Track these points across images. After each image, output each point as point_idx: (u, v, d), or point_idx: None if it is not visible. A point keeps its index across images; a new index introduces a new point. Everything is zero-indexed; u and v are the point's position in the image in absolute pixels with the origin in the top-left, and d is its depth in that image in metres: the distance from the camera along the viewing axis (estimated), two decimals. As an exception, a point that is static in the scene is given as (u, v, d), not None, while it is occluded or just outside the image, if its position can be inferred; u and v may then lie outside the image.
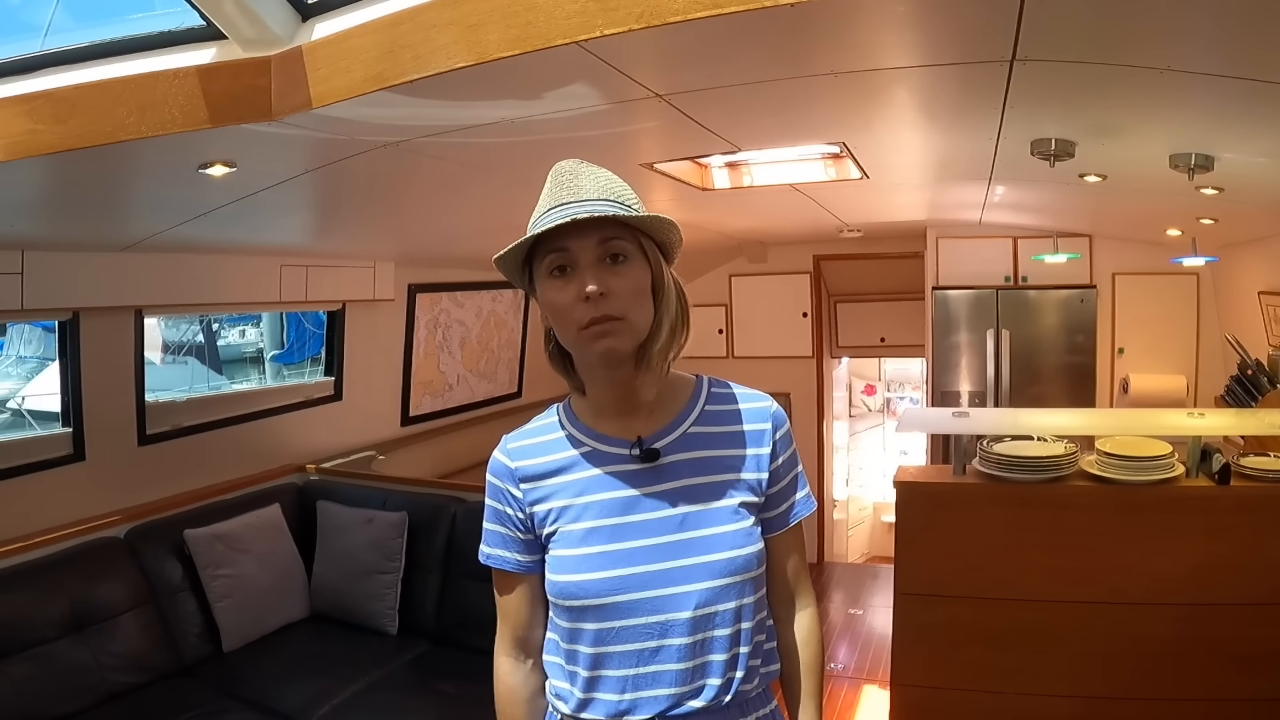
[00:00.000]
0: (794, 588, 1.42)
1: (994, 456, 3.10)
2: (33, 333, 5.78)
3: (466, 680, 3.07)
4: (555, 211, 1.21)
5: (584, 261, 1.21)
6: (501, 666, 1.41)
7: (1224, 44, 1.81)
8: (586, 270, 1.21)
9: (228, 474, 3.90)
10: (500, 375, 5.95)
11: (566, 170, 1.26)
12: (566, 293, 1.21)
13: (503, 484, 1.35)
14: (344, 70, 1.95)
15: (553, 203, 1.23)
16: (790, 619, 1.41)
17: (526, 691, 1.39)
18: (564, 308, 1.22)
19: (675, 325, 1.28)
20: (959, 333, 5.87)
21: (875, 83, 2.21)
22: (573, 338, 1.24)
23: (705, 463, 1.30)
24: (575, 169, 1.26)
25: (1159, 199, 3.68)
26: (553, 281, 1.23)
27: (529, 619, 1.38)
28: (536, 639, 1.39)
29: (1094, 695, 3.00)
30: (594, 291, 1.19)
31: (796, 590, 1.42)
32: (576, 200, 1.21)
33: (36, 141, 2.09)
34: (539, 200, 1.26)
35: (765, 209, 4.87)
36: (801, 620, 1.42)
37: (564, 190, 1.23)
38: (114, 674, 2.97)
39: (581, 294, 1.20)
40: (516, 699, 1.39)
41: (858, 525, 9.03)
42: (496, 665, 1.42)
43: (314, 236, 4.06)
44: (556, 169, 1.27)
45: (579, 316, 1.21)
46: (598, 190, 1.23)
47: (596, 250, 1.21)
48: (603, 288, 1.20)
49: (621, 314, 1.21)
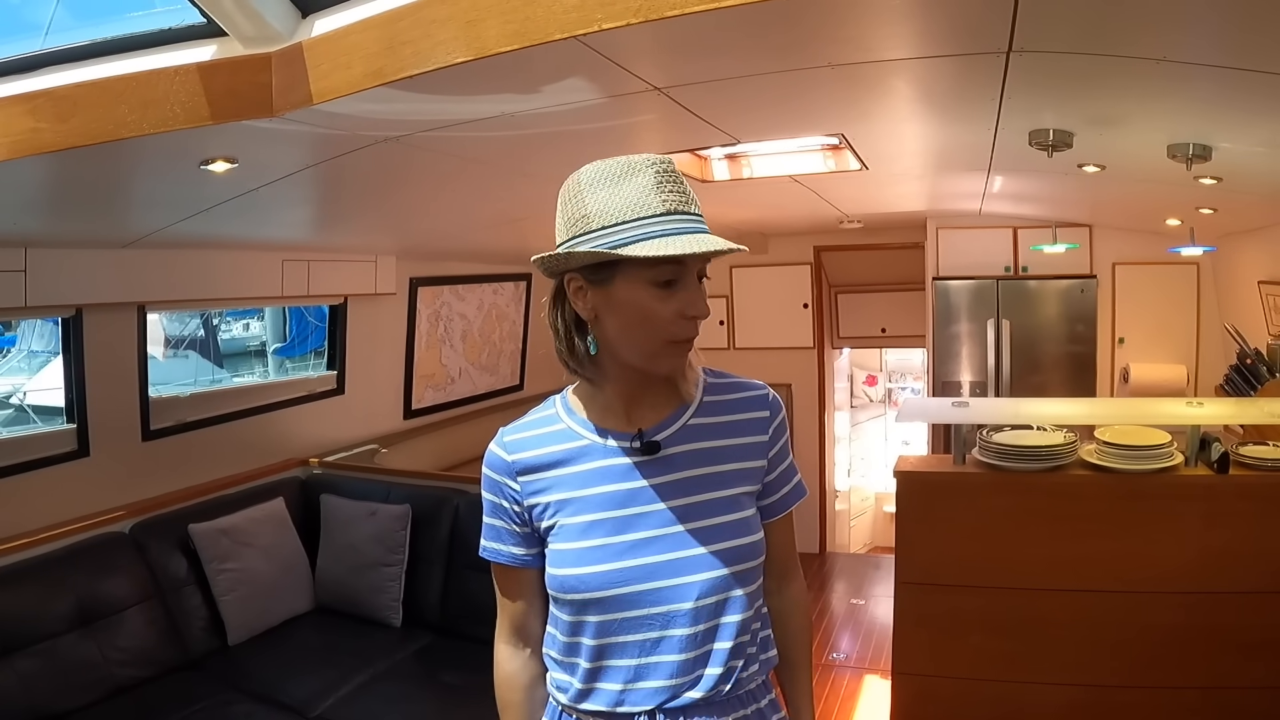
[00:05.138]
0: (785, 568, 1.45)
1: (994, 446, 3.11)
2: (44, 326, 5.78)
3: (471, 671, 3.08)
4: (673, 221, 1.19)
5: (689, 281, 1.22)
6: (501, 654, 1.43)
7: (1220, 34, 1.81)
8: (694, 290, 1.22)
9: (231, 468, 3.91)
10: (502, 368, 5.96)
11: (667, 170, 1.21)
12: (669, 305, 1.20)
13: (499, 478, 1.34)
14: (344, 66, 1.96)
15: (666, 207, 1.19)
16: (781, 592, 1.45)
17: (525, 678, 1.41)
18: (663, 320, 1.21)
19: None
20: (959, 323, 5.87)
21: (873, 74, 2.21)
22: (655, 347, 1.24)
23: (706, 454, 1.31)
24: (673, 170, 1.22)
25: (1158, 189, 3.67)
26: (655, 290, 1.20)
27: (527, 610, 1.40)
28: (535, 629, 1.40)
29: (1095, 683, 3.02)
30: (705, 315, 1.22)
31: (787, 569, 1.46)
32: (693, 213, 1.21)
33: (39, 140, 2.10)
34: (619, 191, 1.19)
35: (765, 200, 4.87)
36: (791, 593, 1.46)
37: (675, 196, 1.20)
38: (120, 668, 2.99)
39: (687, 312, 1.21)
40: (515, 685, 1.41)
41: (860, 516, 9.05)
42: (496, 653, 1.44)
43: (315, 231, 4.07)
44: (649, 161, 1.21)
45: (676, 331, 1.22)
46: (697, 203, 1.23)
47: (696, 270, 1.23)
48: (706, 310, 1.23)
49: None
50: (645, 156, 1.21)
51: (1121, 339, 5.67)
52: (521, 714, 1.41)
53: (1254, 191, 3.38)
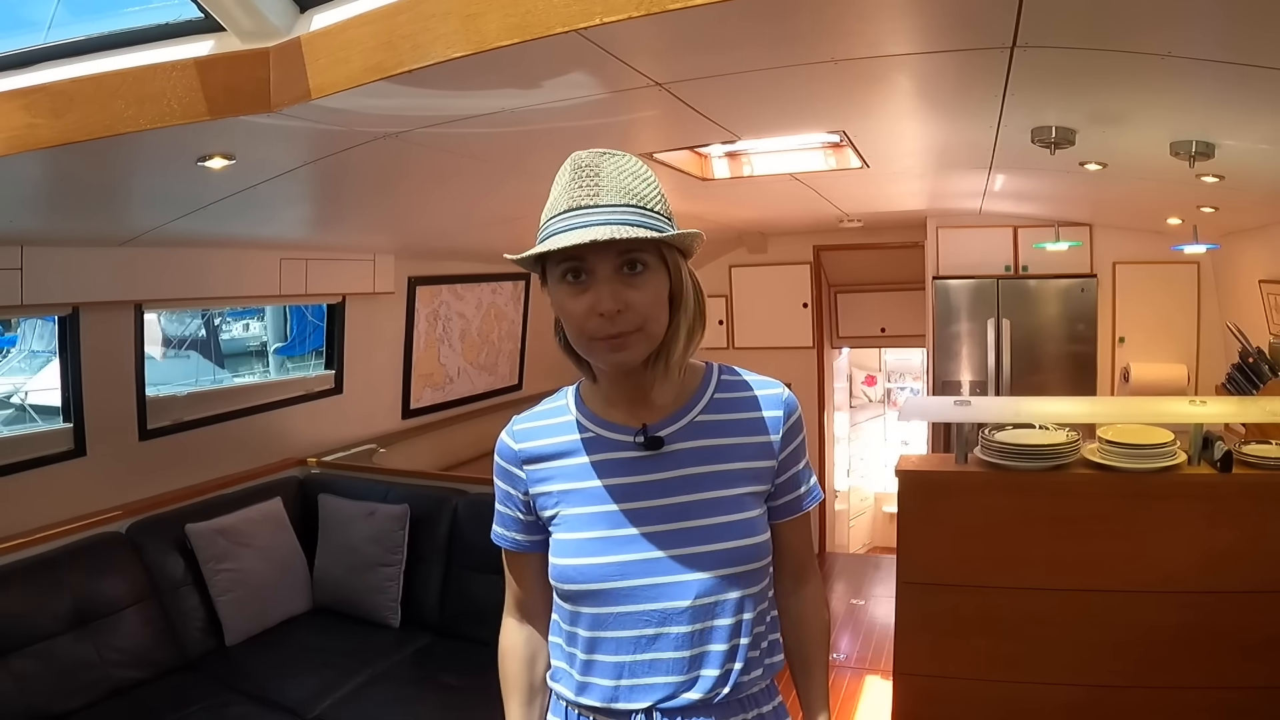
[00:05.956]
0: (801, 568, 1.42)
1: (996, 445, 3.10)
2: (45, 327, 5.78)
3: (469, 672, 3.08)
4: (572, 217, 1.15)
5: (601, 274, 1.15)
6: (505, 627, 1.47)
7: (1227, 28, 1.80)
8: (604, 284, 1.15)
9: (229, 468, 3.89)
10: (501, 368, 5.95)
11: (585, 165, 1.18)
12: (580, 302, 1.16)
13: (507, 465, 1.35)
14: (343, 61, 1.94)
15: (569, 204, 1.16)
16: (796, 593, 1.42)
17: (527, 651, 1.43)
18: (577, 317, 1.17)
19: (692, 328, 1.25)
20: (959, 322, 5.87)
21: (876, 70, 2.20)
22: (584, 346, 1.21)
23: (712, 451, 1.28)
24: (595, 163, 1.18)
25: (1159, 187, 3.67)
26: (566, 287, 1.17)
27: (533, 591, 1.42)
28: (540, 608, 1.42)
29: (1097, 684, 3.00)
30: (611, 310, 1.15)
31: (803, 569, 1.42)
32: (596, 205, 1.15)
33: (34, 136, 2.08)
34: (552, 193, 1.20)
35: (765, 199, 4.86)
36: (807, 594, 1.43)
37: (582, 190, 1.16)
38: (117, 669, 2.97)
39: (596, 308, 1.15)
40: (516, 655, 1.44)
41: (859, 516, 9.04)
42: (502, 627, 1.47)
43: (313, 229, 4.05)
44: (574, 160, 1.19)
45: (592, 328, 1.17)
46: (619, 193, 1.16)
47: (615, 261, 1.16)
48: (620, 303, 1.15)
49: (638, 326, 1.17)
50: (575, 154, 1.20)
51: (1122, 338, 5.66)
52: (520, 685, 1.43)
53: (1256, 190, 3.38)
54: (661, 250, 1.20)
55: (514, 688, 1.44)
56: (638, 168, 1.21)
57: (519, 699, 1.43)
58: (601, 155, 1.19)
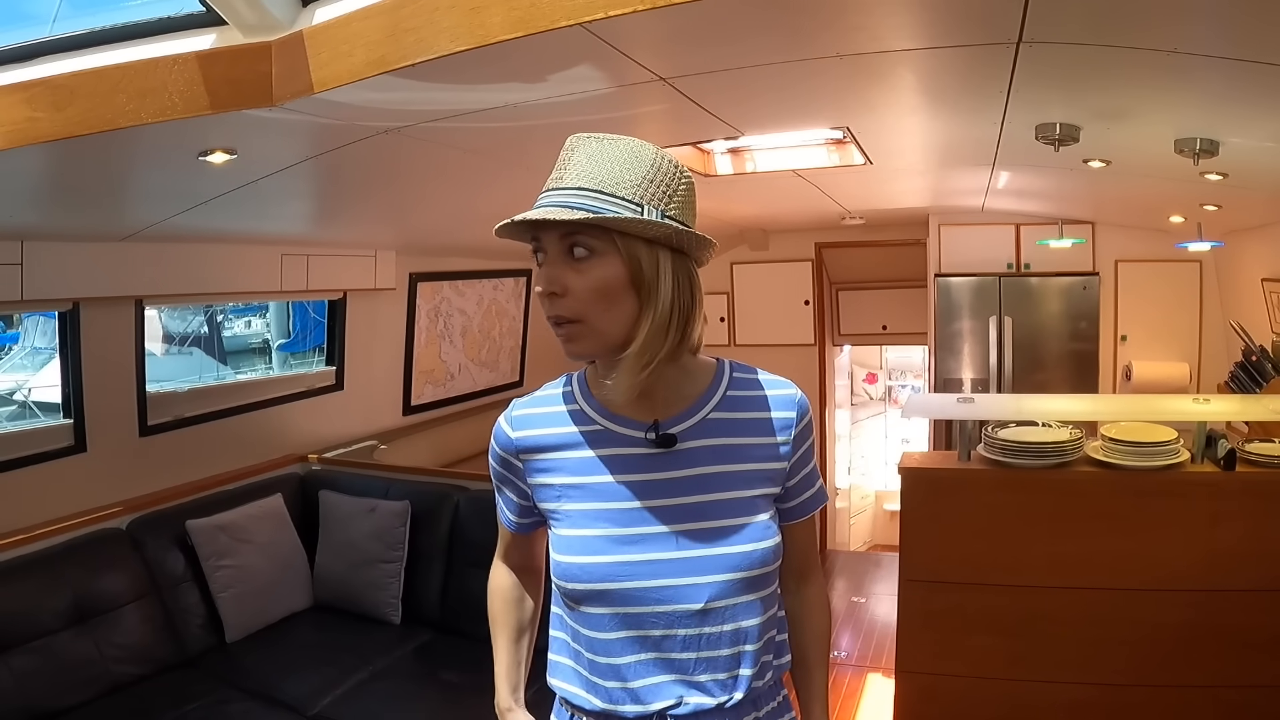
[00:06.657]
0: (804, 568, 1.41)
1: (999, 442, 3.09)
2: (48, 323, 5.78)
3: (470, 669, 3.05)
4: (542, 196, 1.17)
5: (552, 255, 1.16)
6: (493, 570, 1.51)
7: (1233, 24, 1.79)
8: (551, 265, 1.16)
9: (229, 464, 3.88)
10: (502, 364, 5.94)
11: (569, 147, 1.19)
12: (538, 281, 1.17)
13: (503, 452, 1.32)
14: (345, 54, 1.94)
15: (546, 185, 1.18)
16: (799, 593, 1.41)
17: (516, 592, 1.47)
18: (537, 295, 1.19)
19: (667, 325, 1.18)
20: (961, 320, 5.85)
21: (880, 65, 2.19)
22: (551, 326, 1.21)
23: (725, 450, 1.25)
24: (575, 146, 1.18)
25: (1163, 185, 3.66)
26: (536, 266, 1.19)
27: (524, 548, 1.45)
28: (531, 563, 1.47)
29: (1100, 682, 3.00)
30: (540, 292, 1.16)
31: (806, 569, 1.41)
32: (558, 188, 1.16)
33: (35, 129, 2.07)
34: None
35: (767, 195, 4.86)
36: (810, 594, 1.42)
37: (556, 171, 1.18)
38: (117, 665, 2.96)
39: (539, 288, 1.17)
40: (504, 595, 1.48)
41: (860, 514, 9.04)
42: (492, 567, 1.51)
43: (315, 225, 4.05)
44: (567, 142, 1.20)
45: (545, 309, 1.18)
46: (581, 176, 1.15)
47: (560, 244, 1.15)
48: (557, 286, 1.15)
49: (577, 316, 1.15)
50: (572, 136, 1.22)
51: (1124, 336, 5.65)
52: (508, 622, 1.46)
53: (1260, 188, 3.37)
54: (616, 241, 1.15)
55: (501, 625, 1.46)
56: (621, 152, 1.17)
57: (506, 635, 1.45)
58: (591, 138, 1.19)
